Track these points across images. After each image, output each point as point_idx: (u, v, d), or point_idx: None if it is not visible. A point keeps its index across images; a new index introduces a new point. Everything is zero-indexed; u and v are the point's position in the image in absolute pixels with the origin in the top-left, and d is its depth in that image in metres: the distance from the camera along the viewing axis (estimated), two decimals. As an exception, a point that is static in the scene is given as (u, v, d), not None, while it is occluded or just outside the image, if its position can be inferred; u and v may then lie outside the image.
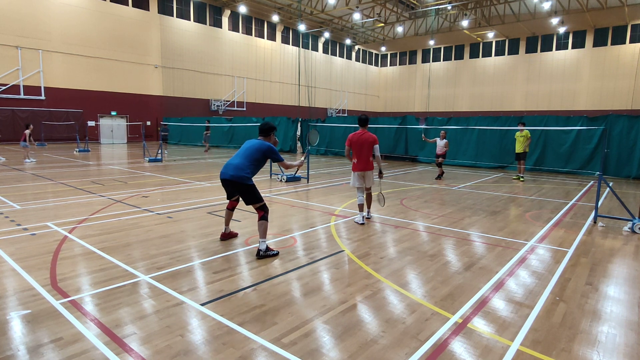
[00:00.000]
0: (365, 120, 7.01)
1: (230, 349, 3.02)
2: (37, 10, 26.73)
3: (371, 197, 7.35)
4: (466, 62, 48.67)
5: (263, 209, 5.22)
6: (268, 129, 5.55)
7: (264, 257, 5.09)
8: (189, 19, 35.38)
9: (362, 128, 6.95)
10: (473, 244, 6.00)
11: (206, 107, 37.28)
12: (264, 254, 5.10)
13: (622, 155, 14.18)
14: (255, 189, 5.26)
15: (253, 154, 5.29)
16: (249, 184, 5.19)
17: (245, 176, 5.17)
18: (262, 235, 5.13)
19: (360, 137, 6.84)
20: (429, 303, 3.88)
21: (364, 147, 6.84)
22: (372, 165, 6.98)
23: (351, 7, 36.85)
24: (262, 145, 5.34)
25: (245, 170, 5.18)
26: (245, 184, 5.17)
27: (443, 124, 18.49)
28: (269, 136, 5.55)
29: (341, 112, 51.28)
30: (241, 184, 5.17)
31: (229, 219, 5.85)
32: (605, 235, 6.63)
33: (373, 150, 6.87)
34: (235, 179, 5.15)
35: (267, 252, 5.13)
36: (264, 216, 5.17)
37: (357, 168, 6.94)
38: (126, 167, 15.13)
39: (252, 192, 5.21)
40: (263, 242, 5.12)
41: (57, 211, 7.52)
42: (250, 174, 5.22)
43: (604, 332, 3.40)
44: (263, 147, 5.33)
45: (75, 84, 29.12)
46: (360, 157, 6.89)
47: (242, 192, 5.24)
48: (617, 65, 38.85)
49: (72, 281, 4.24)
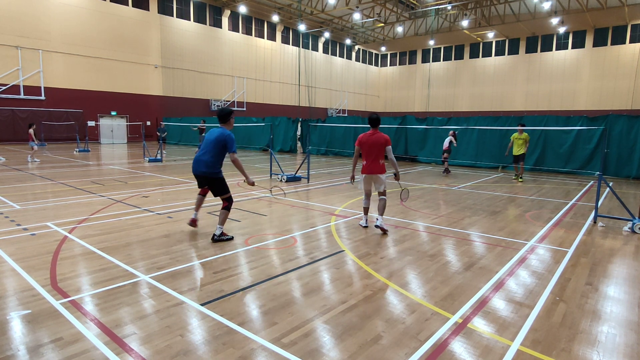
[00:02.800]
0: (377, 120, 6.55)
1: (230, 349, 3.02)
2: (37, 10, 26.73)
3: (384, 203, 6.50)
4: (466, 62, 48.67)
5: (228, 201, 5.83)
6: (225, 114, 5.82)
7: (218, 241, 5.68)
8: (189, 19, 35.38)
9: (373, 128, 6.52)
10: (473, 244, 6.00)
11: (206, 107, 37.27)
12: (218, 238, 5.69)
13: (622, 155, 14.18)
14: (224, 182, 5.81)
15: (215, 147, 5.68)
16: (218, 177, 5.76)
17: (214, 172, 5.72)
18: (220, 223, 5.74)
19: (370, 137, 6.43)
20: (429, 303, 3.88)
21: (374, 149, 6.41)
22: (382, 168, 6.50)
23: (351, 7, 36.85)
24: (220, 136, 5.67)
25: (213, 167, 5.70)
26: (214, 178, 5.74)
27: (443, 124, 18.49)
28: (228, 122, 5.85)
29: (341, 112, 51.27)
30: (211, 179, 5.76)
31: (199, 205, 6.25)
32: (605, 235, 6.63)
33: (385, 152, 6.44)
34: (207, 174, 5.73)
35: (221, 236, 5.71)
36: (227, 207, 5.80)
37: (364, 170, 6.57)
38: (126, 167, 15.13)
39: (220, 185, 5.78)
40: (220, 228, 5.73)
41: (57, 211, 7.52)
42: (218, 168, 5.75)
43: (604, 332, 3.40)
44: (221, 138, 5.67)
45: (75, 84, 29.12)
46: (369, 159, 6.46)
47: (211, 184, 5.82)
48: (617, 65, 38.84)
49: (72, 281, 4.24)
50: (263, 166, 16.05)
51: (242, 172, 5.69)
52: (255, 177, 12.64)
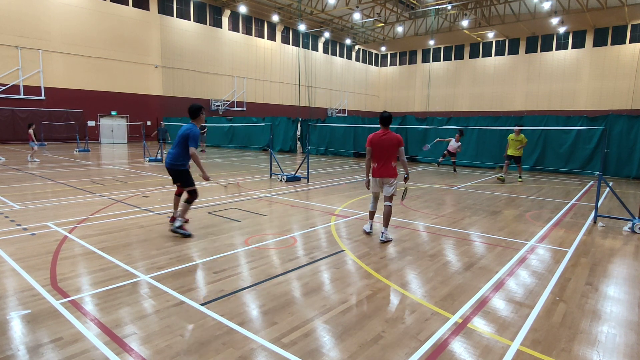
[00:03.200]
0: (388, 118, 6.04)
1: (230, 349, 3.02)
2: (37, 10, 26.73)
3: (389, 211, 6.01)
4: (466, 62, 48.67)
5: (192, 195, 6.09)
6: (195, 110, 6.03)
7: (175, 232, 5.91)
8: (189, 19, 35.39)
9: (384, 128, 6.03)
10: (473, 244, 6.00)
11: (206, 107, 37.27)
12: (176, 230, 5.89)
13: (622, 155, 14.18)
14: (189, 174, 6.09)
15: (182, 141, 5.95)
16: (183, 169, 6.04)
17: (179, 164, 6.00)
18: (180, 215, 5.98)
19: (381, 137, 5.97)
20: (429, 303, 3.88)
21: (386, 150, 5.96)
22: (395, 172, 6.03)
23: (351, 7, 36.85)
24: (186, 131, 5.90)
25: (179, 159, 5.99)
26: (180, 170, 6.03)
27: (443, 124, 18.50)
28: (198, 117, 6.06)
29: (341, 112, 51.27)
30: (176, 171, 6.05)
31: (176, 204, 6.43)
32: (605, 235, 6.63)
33: (398, 153, 6.00)
34: (172, 167, 6.04)
35: (178, 229, 5.89)
36: (189, 200, 6.05)
37: (375, 174, 6.09)
38: (126, 167, 15.13)
39: (185, 177, 6.07)
40: (179, 220, 5.94)
41: (57, 211, 7.52)
42: (182, 161, 6.00)
43: (604, 332, 3.40)
44: (185, 134, 5.90)
45: (75, 84, 29.12)
46: (381, 161, 6.00)
47: (177, 177, 6.11)
48: (617, 65, 38.84)
49: (72, 281, 4.24)
50: (263, 166, 16.04)
51: (198, 167, 5.94)
52: (255, 177, 12.65)
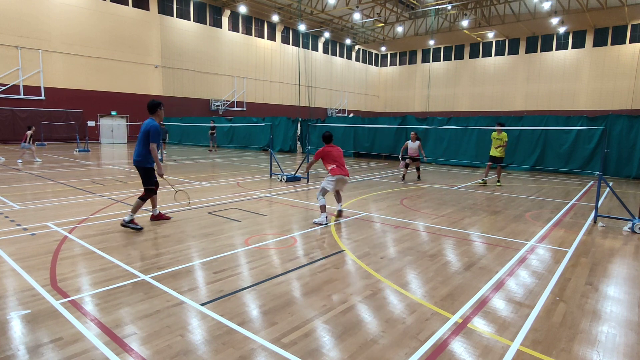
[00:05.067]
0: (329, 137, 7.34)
1: (230, 349, 3.02)
2: (37, 10, 26.73)
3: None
4: (466, 62, 48.67)
5: (148, 193, 6.32)
6: (152, 106, 6.25)
7: (126, 226, 6.11)
8: (189, 19, 35.38)
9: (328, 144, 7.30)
10: (473, 244, 6.00)
11: (206, 107, 37.28)
12: (126, 224, 6.09)
13: (622, 155, 14.18)
14: (151, 172, 6.30)
15: (143, 138, 6.17)
16: (145, 167, 6.24)
17: (141, 160, 6.21)
18: (132, 210, 6.16)
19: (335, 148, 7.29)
20: (429, 303, 3.88)
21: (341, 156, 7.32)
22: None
23: (351, 7, 36.84)
24: (146, 127, 6.13)
25: (142, 155, 6.20)
26: (141, 167, 6.24)
27: (443, 124, 18.50)
28: (155, 113, 6.28)
29: (341, 112, 51.27)
30: (139, 167, 6.26)
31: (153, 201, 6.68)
32: (605, 235, 6.63)
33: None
34: (135, 163, 6.28)
35: (129, 223, 6.09)
36: (144, 197, 6.26)
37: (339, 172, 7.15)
38: (126, 167, 15.13)
39: (145, 175, 6.27)
40: (131, 215, 6.12)
41: (57, 211, 7.51)
42: (144, 157, 6.20)
43: (604, 332, 3.40)
44: (146, 130, 6.13)
45: (75, 84, 29.12)
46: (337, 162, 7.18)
47: (140, 174, 6.31)
48: (617, 65, 38.84)
49: (72, 281, 4.24)
50: (263, 166, 16.04)
51: (155, 162, 6.24)
52: (255, 177, 12.65)
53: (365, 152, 20.92)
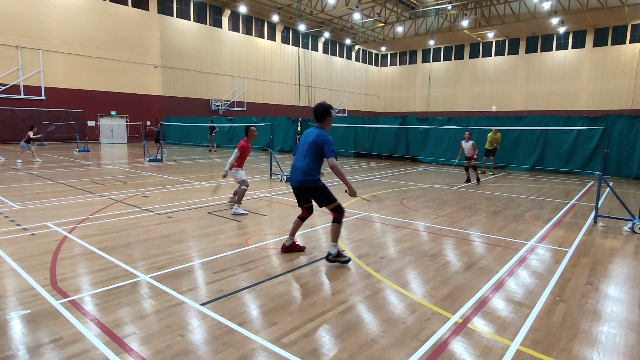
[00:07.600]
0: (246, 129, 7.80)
1: (230, 349, 3.02)
2: (37, 10, 26.72)
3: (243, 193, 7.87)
4: (466, 62, 48.65)
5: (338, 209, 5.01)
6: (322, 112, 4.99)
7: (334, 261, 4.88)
8: (189, 18, 35.37)
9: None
10: (473, 244, 6.00)
11: (206, 107, 37.26)
12: (334, 259, 4.89)
13: (622, 155, 14.18)
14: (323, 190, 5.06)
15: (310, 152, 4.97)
16: (316, 187, 5.04)
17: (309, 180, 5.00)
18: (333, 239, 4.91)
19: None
20: (429, 303, 3.88)
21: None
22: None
23: (351, 7, 36.83)
24: (316, 139, 4.91)
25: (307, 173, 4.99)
26: (309, 188, 5.05)
27: (443, 124, 18.49)
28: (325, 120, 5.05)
29: (341, 112, 51.25)
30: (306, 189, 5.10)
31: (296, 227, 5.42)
32: (606, 235, 6.62)
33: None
34: (300, 184, 5.07)
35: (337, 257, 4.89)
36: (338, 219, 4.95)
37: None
38: (126, 167, 15.13)
39: (317, 194, 5.08)
40: (334, 245, 4.88)
41: (57, 211, 7.51)
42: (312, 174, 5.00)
43: (604, 332, 3.40)
44: (318, 142, 4.87)
45: (75, 84, 29.11)
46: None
47: (306, 196, 5.21)
48: (617, 65, 38.82)
49: (72, 281, 4.24)
50: (263, 166, 16.04)
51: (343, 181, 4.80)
52: (256, 177, 12.65)
53: (365, 152, 20.92)
